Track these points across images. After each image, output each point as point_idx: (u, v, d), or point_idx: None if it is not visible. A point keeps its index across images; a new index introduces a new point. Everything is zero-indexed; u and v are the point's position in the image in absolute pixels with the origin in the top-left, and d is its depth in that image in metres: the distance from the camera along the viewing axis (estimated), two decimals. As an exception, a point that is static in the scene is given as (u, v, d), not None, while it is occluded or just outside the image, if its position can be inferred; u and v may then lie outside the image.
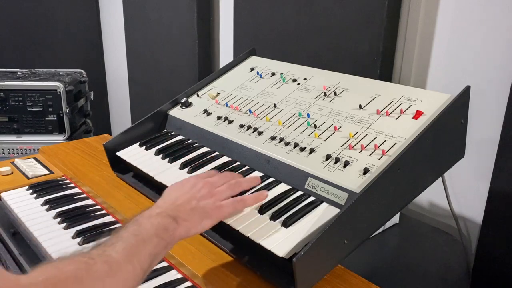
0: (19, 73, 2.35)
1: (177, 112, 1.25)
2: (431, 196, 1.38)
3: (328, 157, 0.91)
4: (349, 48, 1.42)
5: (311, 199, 0.87)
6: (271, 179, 0.96)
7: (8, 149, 2.19)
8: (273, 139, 1.01)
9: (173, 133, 1.22)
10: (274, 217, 0.83)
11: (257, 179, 0.92)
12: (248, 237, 0.81)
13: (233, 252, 0.89)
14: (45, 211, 1.09)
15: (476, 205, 1.26)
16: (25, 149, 2.20)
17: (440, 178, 0.98)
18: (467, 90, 0.91)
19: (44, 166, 1.35)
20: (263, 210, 0.86)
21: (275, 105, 1.12)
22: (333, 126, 0.98)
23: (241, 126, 1.09)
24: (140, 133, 1.22)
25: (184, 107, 1.26)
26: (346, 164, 0.87)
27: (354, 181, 0.83)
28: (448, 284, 1.09)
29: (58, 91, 2.13)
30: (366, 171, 0.84)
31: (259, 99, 1.16)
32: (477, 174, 1.25)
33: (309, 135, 0.98)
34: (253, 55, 1.37)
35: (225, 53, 2.05)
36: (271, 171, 0.97)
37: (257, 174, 0.99)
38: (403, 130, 0.89)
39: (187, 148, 1.13)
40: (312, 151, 0.94)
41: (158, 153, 1.13)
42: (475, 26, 1.21)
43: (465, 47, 1.24)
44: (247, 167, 1.01)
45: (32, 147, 2.19)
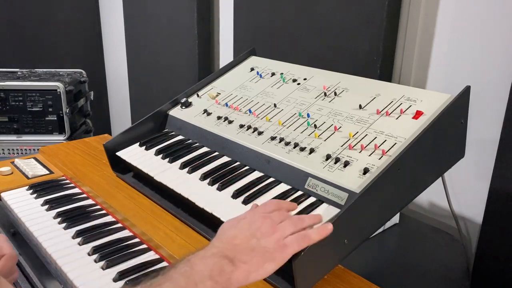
0: (19, 73, 2.35)
1: (177, 112, 1.25)
2: (431, 196, 1.37)
3: (328, 157, 0.91)
4: (349, 48, 1.42)
5: (311, 199, 0.87)
6: (271, 179, 0.96)
7: (8, 149, 2.19)
8: (273, 139, 1.01)
9: (173, 133, 1.22)
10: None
11: (319, 217, 0.79)
12: (248, 237, 0.80)
13: (233, 252, 0.88)
14: (45, 211, 1.09)
15: (476, 205, 1.26)
16: (25, 149, 2.20)
17: (440, 178, 0.98)
18: (467, 90, 0.91)
19: (44, 166, 1.35)
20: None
21: (275, 105, 1.12)
22: (333, 126, 0.98)
23: (241, 126, 1.09)
24: (140, 133, 1.22)
25: (184, 107, 1.26)
26: (346, 164, 0.87)
27: (354, 181, 0.83)
28: (448, 284, 1.09)
29: (58, 91, 2.13)
30: (366, 171, 0.84)
31: (259, 99, 1.16)
32: (477, 174, 1.25)
33: (309, 135, 0.98)
34: (253, 55, 1.37)
35: (225, 53, 2.05)
36: (271, 171, 0.97)
37: (257, 174, 0.99)
38: (403, 130, 0.89)
39: (187, 148, 1.13)
40: (312, 151, 0.94)
41: (158, 153, 1.13)
42: (475, 26, 1.21)
43: (465, 47, 1.24)
44: (247, 167, 1.01)
45: (32, 147, 2.19)
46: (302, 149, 0.95)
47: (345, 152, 0.90)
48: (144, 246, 0.95)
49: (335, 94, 1.07)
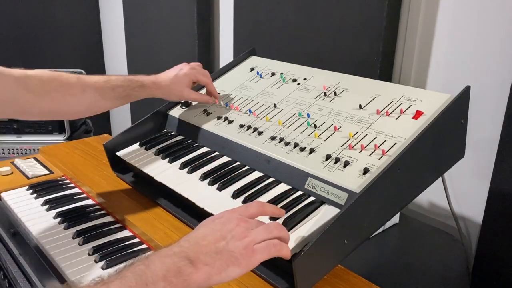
0: (19, 73, 2.34)
1: (177, 112, 1.25)
2: (431, 196, 1.38)
3: (328, 157, 0.91)
4: (349, 48, 1.42)
5: (311, 199, 0.87)
6: (271, 179, 0.96)
7: (8, 149, 2.19)
8: (273, 139, 1.01)
9: (173, 133, 1.22)
10: (273, 217, 0.83)
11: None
12: (248, 237, 0.80)
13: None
14: (45, 211, 1.10)
15: (476, 205, 1.26)
16: (25, 149, 2.20)
17: (440, 178, 0.98)
18: (467, 90, 0.91)
19: (44, 166, 1.35)
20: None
21: (275, 105, 1.12)
22: (333, 126, 0.98)
23: (241, 126, 1.09)
24: (140, 133, 1.22)
25: (184, 107, 1.26)
26: (346, 164, 0.87)
27: (354, 181, 0.83)
28: (448, 284, 1.09)
29: (58, 91, 2.13)
30: (366, 171, 0.84)
31: (259, 99, 1.16)
32: (477, 174, 1.25)
33: (309, 135, 0.98)
34: (253, 55, 1.37)
35: (225, 53, 2.05)
36: (271, 171, 0.97)
37: (257, 174, 0.99)
38: (403, 130, 0.89)
39: (187, 148, 1.13)
40: (312, 151, 0.94)
41: (158, 153, 1.13)
42: (475, 26, 1.21)
43: (465, 47, 1.24)
44: (247, 167, 1.01)
45: (32, 147, 2.19)
46: (302, 149, 0.95)
47: (345, 152, 0.90)
48: (144, 246, 0.95)
49: (335, 94, 1.07)
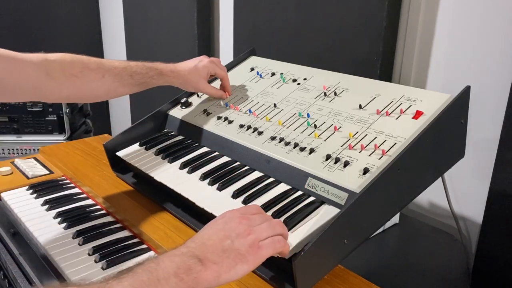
0: (19, 73, 2.34)
1: (177, 112, 1.25)
2: (431, 196, 1.38)
3: (328, 157, 0.91)
4: (349, 48, 1.42)
5: (311, 199, 0.87)
6: (271, 179, 0.96)
7: (8, 149, 2.19)
8: (273, 139, 1.01)
9: (173, 133, 1.22)
10: (274, 217, 0.83)
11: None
12: (248, 237, 0.80)
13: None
14: (45, 211, 1.09)
15: (476, 205, 1.26)
16: (25, 149, 2.20)
17: (440, 178, 0.98)
18: (467, 90, 0.91)
19: (44, 166, 1.35)
20: (263, 210, 0.85)
21: (275, 105, 1.12)
22: (333, 126, 0.98)
23: (241, 126, 1.09)
24: (140, 133, 1.22)
25: (184, 107, 1.26)
26: (346, 164, 0.87)
27: (354, 181, 0.83)
28: (448, 284, 1.09)
29: (58, 91, 2.13)
30: (366, 171, 0.84)
31: (259, 99, 1.16)
32: (477, 174, 1.25)
33: (309, 135, 0.98)
34: (253, 55, 1.37)
35: (225, 53, 2.05)
36: (271, 171, 0.97)
37: (257, 174, 0.99)
38: (403, 130, 0.89)
39: (187, 148, 1.13)
40: (312, 151, 0.94)
41: (158, 153, 1.13)
42: (475, 26, 1.21)
43: (465, 47, 1.24)
44: (247, 167, 1.01)
45: (32, 147, 2.19)
46: (302, 149, 0.95)
47: (345, 152, 0.90)
48: (144, 246, 0.95)
49: (335, 94, 1.07)
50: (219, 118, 1.15)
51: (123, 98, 2.87)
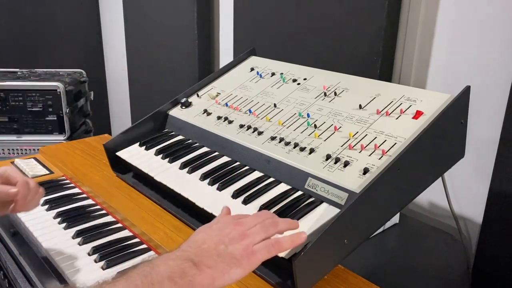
0: (19, 73, 2.34)
1: (177, 112, 1.25)
2: (431, 196, 1.38)
3: (328, 157, 0.91)
4: (349, 48, 1.42)
5: (311, 199, 0.87)
6: (271, 179, 0.96)
7: (8, 149, 2.19)
8: (273, 139, 1.01)
9: (173, 133, 1.22)
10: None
11: (296, 223, 0.78)
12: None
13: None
14: (45, 211, 1.09)
15: (476, 205, 1.26)
16: (25, 149, 2.20)
17: (440, 178, 0.98)
18: (467, 90, 0.91)
19: (44, 166, 1.35)
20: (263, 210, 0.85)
21: (275, 105, 1.12)
22: (333, 126, 0.98)
23: (241, 126, 1.09)
24: (140, 133, 1.22)
25: (184, 107, 1.26)
26: (346, 164, 0.87)
27: (354, 181, 0.83)
28: (448, 284, 1.09)
29: (58, 91, 2.13)
30: (366, 171, 0.84)
31: (259, 99, 1.16)
32: (477, 174, 1.25)
33: (309, 135, 0.98)
34: (253, 55, 1.37)
35: (225, 53, 2.05)
36: (271, 171, 0.97)
37: (257, 174, 0.99)
38: (403, 130, 0.89)
39: (187, 148, 1.13)
40: (312, 151, 0.94)
41: (158, 153, 1.13)
42: (475, 26, 1.21)
43: (465, 47, 1.24)
44: (247, 167, 1.01)
45: (32, 147, 2.19)
46: (302, 149, 0.95)
47: (345, 152, 0.90)
48: (144, 246, 0.95)
49: (335, 94, 1.07)
50: (219, 118, 1.15)
51: (123, 98, 2.88)
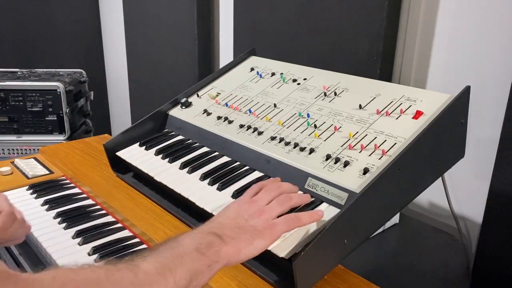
0: (19, 73, 2.35)
1: (177, 112, 1.25)
2: (431, 196, 1.38)
3: (328, 157, 0.91)
4: (349, 48, 1.42)
5: (311, 199, 0.87)
6: (271, 179, 0.96)
7: (8, 149, 2.19)
8: (273, 139, 1.01)
9: (173, 133, 1.22)
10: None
11: (308, 197, 0.83)
12: (248, 237, 0.80)
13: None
14: (45, 211, 1.09)
15: (476, 205, 1.26)
16: (25, 149, 2.20)
17: (440, 178, 0.98)
18: (467, 90, 0.91)
19: (44, 166, 1.35)
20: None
21: (275, 105, 1.12)
22: (333, 126, 0.98)
23: (241, 126, 1.09)
24: (140, 133, 1.22)
25: (184, 107, 1.26)
26: (346, 164, 0.87)
27: (354, 181, 0.83)
28: (448, 284, 1.09)
29: (58, 91, 2.13)
30: (366, 171, 0.84)
31: (259, 99, 1.16)
32: (477, 174, 1.25)
33: (309, 135, 0.98)
34: (253, 55, 1.37)
35: (225, 53, 2.05)
36: (271, 171, 0.97)
37: (257, 174, 0.99)
38: (403, 130, 0.89)
39: (187, 148, 1.13)
40: (312, 151, 0.94)
41: (158, 153, 1.13)
42: (475, 26, 1.21)
43: (465, 47, 1.24)
44: (247, 167, 1.01)
45: (32, 147, 2.19)
46: (302, 149, 0.95)
47: (345, 152, 0.90)
48: (144, 246, 0.95)
49: (335, 94, 1.07)
50: (219, 118, 1.15)
51: (123, 98, 2.88)
